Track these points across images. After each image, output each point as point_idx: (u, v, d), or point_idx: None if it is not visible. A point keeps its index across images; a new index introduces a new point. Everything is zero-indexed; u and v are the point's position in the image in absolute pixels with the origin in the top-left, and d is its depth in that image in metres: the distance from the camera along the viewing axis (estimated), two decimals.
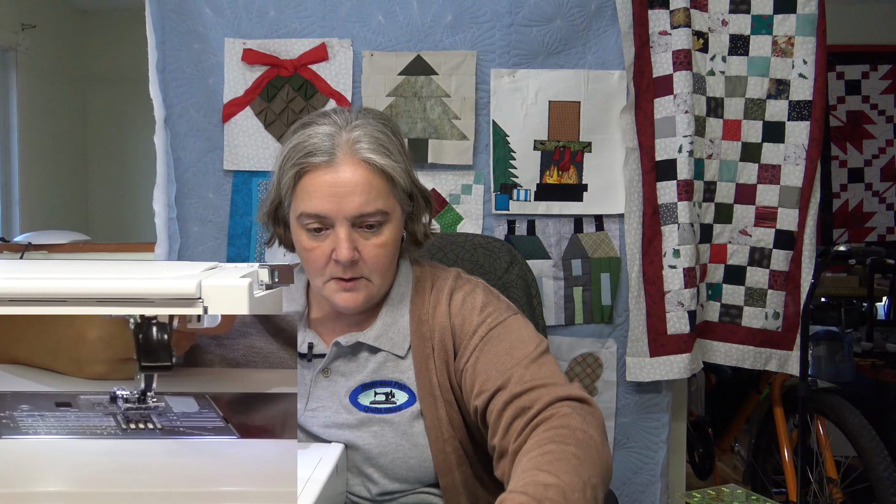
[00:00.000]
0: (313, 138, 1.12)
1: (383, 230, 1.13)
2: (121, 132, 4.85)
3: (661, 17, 1.91)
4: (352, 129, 1.12)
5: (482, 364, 1.10)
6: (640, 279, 1.94)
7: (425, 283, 1.22)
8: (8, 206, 4.20)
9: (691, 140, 1.88)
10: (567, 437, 0.94)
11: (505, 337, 1.12)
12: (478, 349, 1.12)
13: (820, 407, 2.20)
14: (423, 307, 1.19)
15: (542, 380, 1.04)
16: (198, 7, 1.92)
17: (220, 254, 1.97)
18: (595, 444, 0.94)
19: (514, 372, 1.06)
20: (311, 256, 1.14)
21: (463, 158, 1.94)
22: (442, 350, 1.15)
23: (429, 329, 1.16)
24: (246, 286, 0.88)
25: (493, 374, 1.08)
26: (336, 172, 1.10)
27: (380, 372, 1.18)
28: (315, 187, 1.10)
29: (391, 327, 1.18)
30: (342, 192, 1.09)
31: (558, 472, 0.87)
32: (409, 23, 1.92)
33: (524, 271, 1.60)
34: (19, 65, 4.20)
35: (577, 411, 0.98)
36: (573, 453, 0.90)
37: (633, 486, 2.01)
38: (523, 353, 1.09)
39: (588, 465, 0.90)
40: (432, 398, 1.14)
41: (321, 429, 1.19)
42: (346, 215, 1.10)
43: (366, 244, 1.12)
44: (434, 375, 1.15)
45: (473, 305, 1.17)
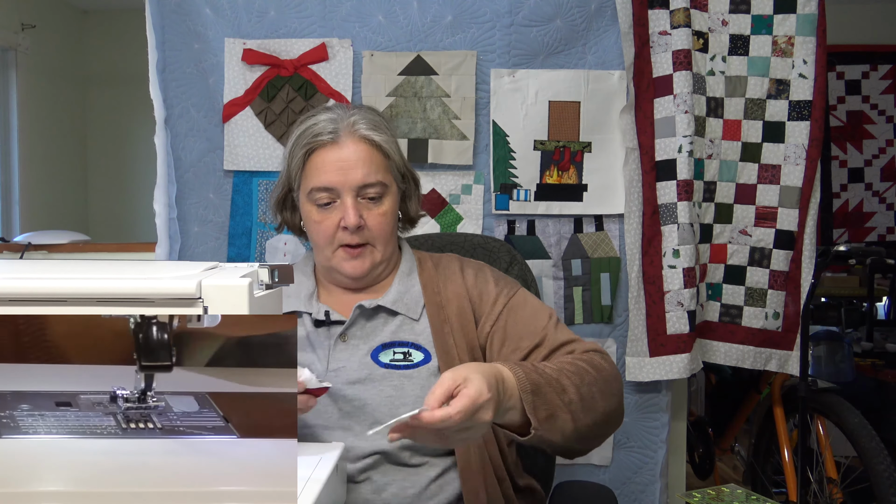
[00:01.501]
0: (318, 124, 1.27)
1: (384, 201, 1.28)
2: (121, 132, 4.85)
3: (661, 17, 1.91)
4: (351, 114, 1.29)
5: (511, 327, 1.28)
6: (640, 279, 1.94)
7: (426, 262, 1.37)
8: (8, 206, 4.20)
9: (691, 140, 1.88)
10: (599, 366, 1.17)
11: (524, 304, 1.31)
12: (503, 315, 1.29)
13: (820, 407, 2.20)
14: (434, 280, 1.33)
15: (571, 337, 1.26)
16: (198, 7, 1.92)
17: (220, 254, 1.98)
18: (618, 382, 1.19)
19: (547, 333, 1.25)
20: (320, 228, 1.27)
21: (463, 158, 1.94)
22: (459, 317, 1.30)
23: (444, 299, 1.31)
24: (246, 286, 0.88)
25: (526, 334, 1.26)
26: (340, 149, 1.25)
27: (397, 334, 1.29)
28: (323, 163, 1.25)
29: (405, 294, 1.31)
30: (346, 166, 1.24)
31: (571, 376, 1.11)
32: (409, 23, 1.92)
33: (524, 271, 1.60)
34: (19, 65, 4.20)
35: (606, 359, 1.21)
36: (595, 378, 1.14)
37: (633, 486, 2.01)
38: (546, 317, 1.28)
39: (603, 394, 1.14)
40: (448, 357, 1.26)
41: (344, 385, 1.26)
42: (351, 186, 1.24)
43: (370, 213, 1.26)
44: (450, 338, 1.28)
45: (486, 279, 1.33)
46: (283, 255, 1.96)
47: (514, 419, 1.04)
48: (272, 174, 1.96)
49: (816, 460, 2.20)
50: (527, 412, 1.03)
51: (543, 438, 1.06)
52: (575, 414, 1.08)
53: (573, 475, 1.98)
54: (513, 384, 1.03)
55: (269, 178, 1.96)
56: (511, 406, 1.03)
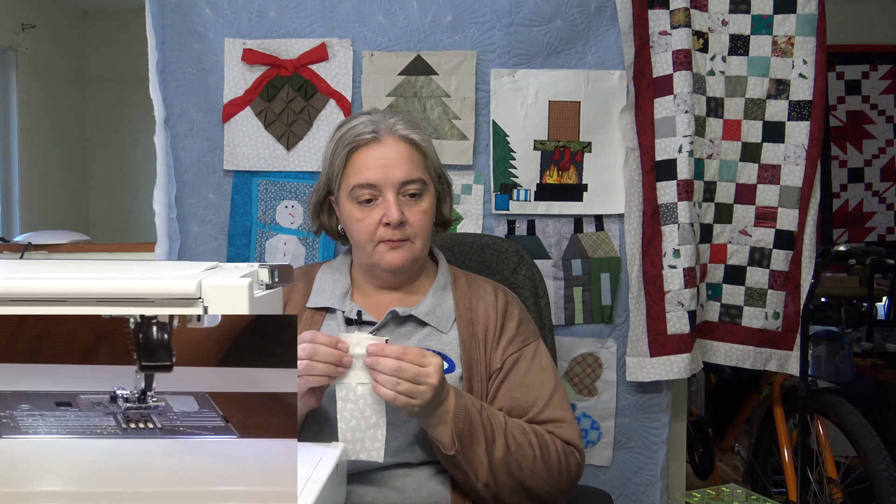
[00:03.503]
0: (358, 126, 1.31)
1: (423, 198, 1.32)
2: (121, 132, 4.85)
3: (661, 17, 1.91)
4: (389, 116, 1.33)
5: (512, 375, 1.32)
6: (640, 279, 1.94)
7: (461, 279, 1.41)
8: (8, 206, 4.20)
9: (691, 140, 1.88)
10: (548, 451, 1.23)
11: (533, 359, 1.34)
12: (511, 358, 1.33)
13: (820, 407, 2.20)
14: (467, 297, 1.38)
15: (560, 417, 1.29)
16: (198, 7, 1.92)
17: (220, 254, 1.98)
18: (560, 476, 1.24)
19: (537, 402, 1.29)
20: (361, 226, 1.30)
21: (463, 158, 1.94)
22: (486, 335, 1.34)
23: (475, 316, 1.35)
24: (246, 286, 0.88)
25: (521, 389, 1.30)
26: (382, 147, 1.29)
27: (424, 342, 1.32)
28: (365, 161, 1.29)
29: (438, 307, 1.35)
30: (389, 163, 1.28)
31: (520, 442, 1.21)
32: (409, 23, 1.92)
33: (532, 272, 1.60)
34: (19, 65, 4.20)
35: (568, 456, 1.26)
36: (533, 456, 1.21)
37: (633, 486, 2.01)
38: (549, 389, 1.31)
39: (533, 473, 1.21)
40: (472, 368, 1.31)
41: None
42: (393, 182, 1.28)
43: (410, 210, 1.30)
44: (476, 352, 1.33)
45: (513, 315, 1.37)
46: (283, 255, 1.96)
47: (445, 437, 1.17)
48: (272, 174, 1.96)
49: (816, 460, 2.20)
50: (454, 431, 1.16)
51: (461, 467, 1.18)
52: (493, 462, 1.18)
53: None
54: (454, 403, 1.17)
55: (268, 178, 1.96)
56: (444, 415, 1.17)
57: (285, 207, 1.96)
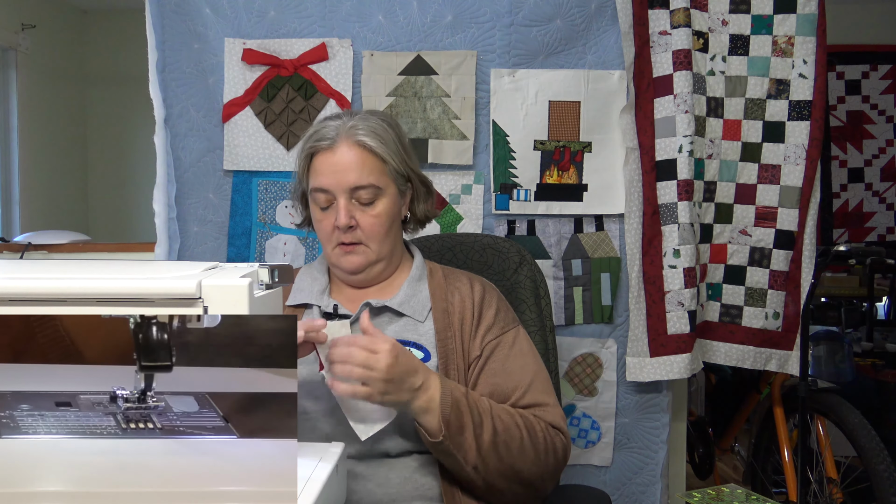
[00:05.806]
0: (323, 129, 1.35)
1: (377, 204, 1.34)
2: (121, 132, 4.84)
3: (661, 17, 1.91)
4: (353, 120, 1.36)
5: (492, 362, 1.34)
6: (640, 279, 1.94)
7: (437, 272, 1.44)
8: (8, 206, 4.20)
9: (691, 140, 1.88)
10: (534, 433, 1.25)
11: (512, 345, 1.36)
12: (490, 345, 1.35)
13: (820, 407, 2.20)
14: (443, 287, 1.40)
15: (543, 401, 1.31)
16: (198, 7, 1.92)
17: (220, 254, 1.97)
18: (547, 456, 1.25)
19: (518, 388, 1.31)
20: (321, 227, 1.36)
21: (463, 158, 1.94)
22: (462, 325, 1.37)
23: (451, 306, 1.38)
24: (246, 286, 0.88)
25: (502, 374, 1.32)
26: (334, 153, 1.33)
27: (401, 333, 1.35)
28: (321, 166, 1.34)
29: (412, 298, 1.38)
30: (340, 169, 1.32)
31: (507, 424, 1.22)
32: (409, 23, 1.92)
33: (533, 272, 1.60)
34: (19, 65, 4.20)
35: (553, 438, 1.27)
36: (521, 437, 1.23)
37: (634, 487, 2.01)
38: (529, 375, 1.33)
39: (522, 454, 1.22)
40: (448, 358, 1.33)
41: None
42: (343, 188, 1.32)
43: (363, 215, 1.33)
44: (452, 341, 1.35)
45: (490, 303, 1.39)
46: (282, 255, 1.96)
47: (432, 424, 1.18)
48: (272, 174, 1.96)
49: (816, 460, 2.20)
50: (441, 418, 1.18)
51: (450, 453, 1.20)
52: (481, 444, 1.20)
53: (572, 478, 1.99)
54: (439, 390, 1.19)
55: (268, 178, 1.96)
56: (429, 403, 1.18)
57: (285, 207, 1.96)
